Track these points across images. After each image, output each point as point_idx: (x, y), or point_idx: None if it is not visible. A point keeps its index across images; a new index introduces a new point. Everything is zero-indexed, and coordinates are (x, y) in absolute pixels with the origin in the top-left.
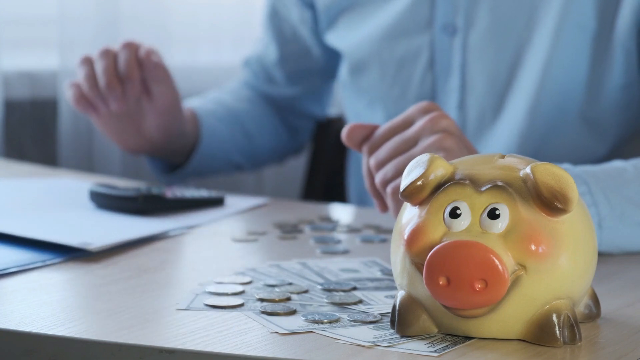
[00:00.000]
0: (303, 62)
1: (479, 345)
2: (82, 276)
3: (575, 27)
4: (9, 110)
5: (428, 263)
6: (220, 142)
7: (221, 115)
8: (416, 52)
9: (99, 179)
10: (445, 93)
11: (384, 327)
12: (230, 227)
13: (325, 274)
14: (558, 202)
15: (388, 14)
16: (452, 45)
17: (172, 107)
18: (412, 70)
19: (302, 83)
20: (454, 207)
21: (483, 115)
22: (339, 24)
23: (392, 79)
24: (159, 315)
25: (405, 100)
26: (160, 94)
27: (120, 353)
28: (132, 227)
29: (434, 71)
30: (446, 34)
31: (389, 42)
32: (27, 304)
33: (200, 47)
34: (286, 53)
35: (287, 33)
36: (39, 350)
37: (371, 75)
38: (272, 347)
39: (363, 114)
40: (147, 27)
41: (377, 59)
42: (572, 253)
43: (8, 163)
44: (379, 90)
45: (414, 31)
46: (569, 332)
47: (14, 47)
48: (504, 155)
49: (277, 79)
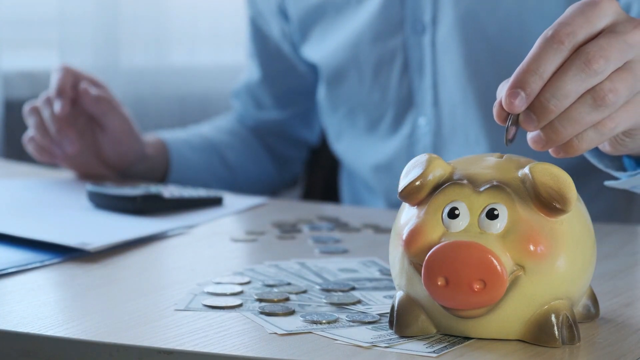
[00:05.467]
0: (289, 80)
1: (477, 345)
2: (80, 276)
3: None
4: (9, 110)
5: (426, 263)
6: (193, 170)
7: (196, 145)
8: (391, 55)
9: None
10: (421, 92)
11: (383, 327)
12: (228, 227)
13: (324, 274)
14: (556, 203)
15: (360, 19)
16: (422, 43)
17: (125, 133)
18: (389, 73)
19: (290, 105)
20: (453, 208)
21: (454, 111)
22: (313, 35)
23: (371, 84)
24: (158, 316)
25: (386, 102)
26: (111, 124)
27: (119, 354)
28: (130, 227)
29: (409, 71)
30: (416, 33)
31: (363, 46)
32: (25, 305)
33: (200, 47)
34: (271, 72)
35: (271, 50)
36: (37, 351)
37: (349, 82)
38: (271, 348)
39: (344, 125)
40: (147, 27)
41: (353, 65)
42: (571, 253)
43: (8, 163)
44: (358, 96)
45: (387, 33)
46: (568, 332)
47: (14, 47)
48: (503, 155)
49: (265, 101)
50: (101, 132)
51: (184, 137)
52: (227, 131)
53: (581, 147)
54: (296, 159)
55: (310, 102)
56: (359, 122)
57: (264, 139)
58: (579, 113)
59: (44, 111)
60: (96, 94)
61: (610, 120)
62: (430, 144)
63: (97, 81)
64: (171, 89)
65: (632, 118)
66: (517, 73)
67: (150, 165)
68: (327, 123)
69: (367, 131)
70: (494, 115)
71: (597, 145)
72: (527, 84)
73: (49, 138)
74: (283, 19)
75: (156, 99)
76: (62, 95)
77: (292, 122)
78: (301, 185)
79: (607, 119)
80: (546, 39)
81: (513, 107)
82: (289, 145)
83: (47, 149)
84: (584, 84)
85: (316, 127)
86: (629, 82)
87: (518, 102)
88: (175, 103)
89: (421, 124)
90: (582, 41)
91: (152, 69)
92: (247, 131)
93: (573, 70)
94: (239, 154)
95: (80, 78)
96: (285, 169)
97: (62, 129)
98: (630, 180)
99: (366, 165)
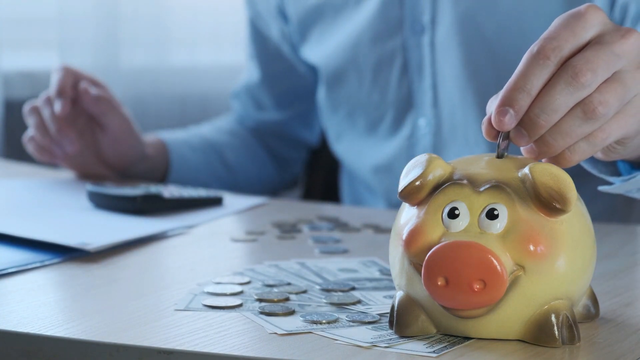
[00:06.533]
0: (289, 81)
1: (477, 345)
2: (80, 276)
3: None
4: (9, 110)
5: (426, 263)
6: (193, 171)
7: (196, 145)
8: (391, 55)
9: (97, 179)
10: (421, 93)
11: (383, 327)
12: (228, 227)
13: (324, 274)
14: (556, 203)
15: (359, 20)
16: (421, 44)
17: (124, 133)
18: (388, 74)
19: (290, 106)
20: (453, 208)
21: (454, 112)
22: (312, 36)
23: (371, 85)
24: (158, 316)
25: (386, 103)
26: (111, 124)
27: (119, 354)
28: (130, 227)
29: (408, 72)
30: (415, 33)
31: (363, 47)
32: (25, 305)
33: (200, 47)
34: (271, 73)
35: (270, 51)
36: (37, 351)
37: (349, 83)
38: (271, 348)
39: (344, 126)
40: (147, 27)
41: (353, 66)
42: (571, 253)
43: (8, 163)
44: (357, 97)
45: (386, 34)
46: (568, 332)
47: (14, 47)
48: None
49: (265, 102)
50: (101, 132)
51: (184, 138)
52: (227, 132)
53: (573, 159)
54: (296, 160)
55: (310, 102)
56: (358, 123)
57: (264, 139)
58: (570, 126)
59: (44, 111)
60: (96, 93)
61: (601, 131)
62: (430, 144)
63: (97, 81)
64: (171, 89)
65: (622, 128)
66: (504, 91)
67: (150, 165)
68: (327, 124)
69: (367, 132)
70: (483, 133)
71: (590, 156)
72: (515, 101)
73: (49, 138)
74: (282, 19)
75: (156, 99)
76: (62, 95)
77: (292, 123)
78: (301, 186)
79: (598, 131)
80: (532, 55)
81: (502, 125)
82: (288, 146)
83: (47, 148)
84: (572, 97)
85: (316, 128)
86: (618, 93)
87: (507, 120)
88: (175, 103)
89: (421, 125)
90: (569, 54)
91: (152, 69)
92: (247, 132)
93: (561, 85)
94: (238, 155)
95: (80, 78)
96: (285, 169)
97: (62, 129)
98: (624, 185)
99: (366, 166)
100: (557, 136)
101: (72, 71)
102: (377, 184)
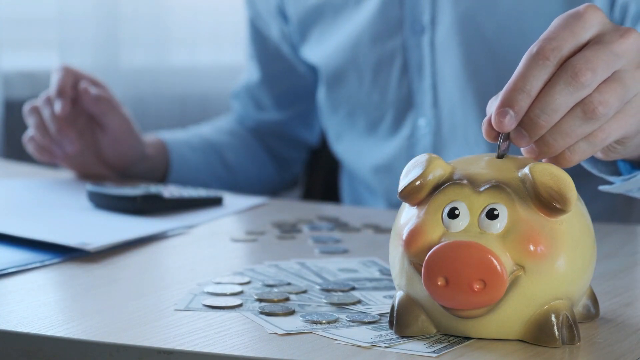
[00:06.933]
0: (289, 81)
1: (477, 345)
2: (80, 276)
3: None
4: (9, 110)
5: (426, 263)
6: (193, 171)
7: (196, 145)
8: (391, 55)
9: (97, 179)
10: (420, 92)
11: (383, 327)
12: (228, 227)
13: (324, 274)
14: (556, 203)
15: (359, 20)
16: (421, 44)
17: (124, 133)
18: (388, 74)
19: (290, 106)
20: (453, 208)
21: (454, 112)
22: (312, 36)
23: (371, 85)
24: (158, 316)
25: (386, 103)
26: (111, 124)
27: (119, 354)
28: (130, 227)
29: (408, 72)
30: (415, 33)
31: (363, 47)
32: (25, 305)
33: (200, 47)
34: (271, 73)
35: (270, 51)
36: (37, 351)
37: (349, 83)
38: (271, 348)
39: (344, 126)
40: (147, 27)
41: (353, 66)
42: (571, 253)
43: (8, 163)
44: (357, 97)
45: (386, 34)
46: (568, 332)
47: (14, 47)
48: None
49: (265, 102)
50: (101, 132)
51: (184, 138)
52: (227, 132)
53: (573, 159)
54: (296, 160)
55: (310, 103)
56: (358, 123)
57: (264, 139)
58: (570, 126)
59: (44, 111)
60: (96, 93)
61: (601, 131)
62: (430, 144)
63: (97, 81)
64: (171, 89)
65: (622, 128)
66: (504, 91)
67: (150, 165)
68: (327, 124)
69: (367, 132)
70: (483, 134)
71: (590, 156)
72: (515, 102)
73: (49, 138)
74: (282, 19)
75: (156, 99)
76: (62, 95)
77: (292, 123)
78: (301, 186)
79: (598, 131)
80: (532, 56)
81: (502, 126)
82: (288, 146)
83: (47, 148)
84: (572, 97)
85: (316, 128)
86: (618, 93)
87: (507, 121)
88: (175, 103)
89: (421, 125)
90: (568, 54)
91: (152, 69)
92: (247, 132)
93: (561, 85)
94: (238, 155)
95: (80, 78)
96: (285, 169)
97: (62, 129)
98: (625, 184)
99: (366, 166)
100: (557, 136)
101: (72, 71)
102: (377, 184)
